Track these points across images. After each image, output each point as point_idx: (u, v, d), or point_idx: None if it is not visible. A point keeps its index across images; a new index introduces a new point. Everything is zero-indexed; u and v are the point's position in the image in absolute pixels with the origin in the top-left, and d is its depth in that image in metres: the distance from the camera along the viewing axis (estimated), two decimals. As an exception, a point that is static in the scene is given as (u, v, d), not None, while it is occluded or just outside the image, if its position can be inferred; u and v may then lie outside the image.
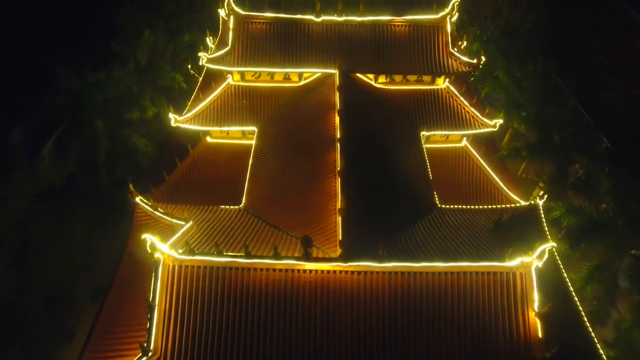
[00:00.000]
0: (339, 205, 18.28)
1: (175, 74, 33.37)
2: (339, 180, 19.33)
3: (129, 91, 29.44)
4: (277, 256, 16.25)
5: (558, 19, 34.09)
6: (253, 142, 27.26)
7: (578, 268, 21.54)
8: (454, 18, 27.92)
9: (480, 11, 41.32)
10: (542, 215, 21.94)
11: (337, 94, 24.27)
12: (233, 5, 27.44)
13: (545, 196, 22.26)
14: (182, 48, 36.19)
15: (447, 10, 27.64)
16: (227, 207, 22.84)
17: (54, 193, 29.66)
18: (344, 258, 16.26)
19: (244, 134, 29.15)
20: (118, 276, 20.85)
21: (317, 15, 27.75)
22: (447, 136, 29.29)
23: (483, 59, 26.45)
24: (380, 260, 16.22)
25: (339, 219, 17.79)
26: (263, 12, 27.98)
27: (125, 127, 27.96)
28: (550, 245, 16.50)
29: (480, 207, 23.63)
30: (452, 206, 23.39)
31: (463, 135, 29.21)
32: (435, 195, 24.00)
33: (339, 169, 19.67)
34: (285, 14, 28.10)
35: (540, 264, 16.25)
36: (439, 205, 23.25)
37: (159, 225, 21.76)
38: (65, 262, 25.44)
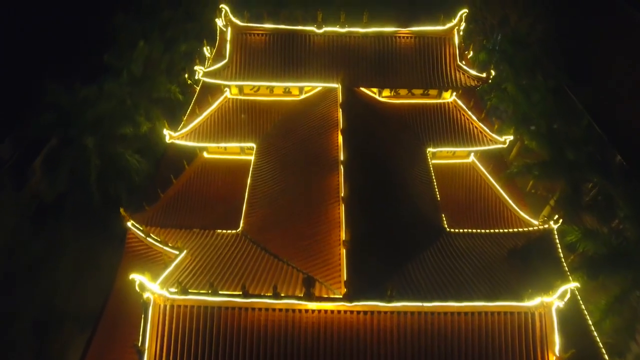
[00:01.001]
0: (343, 236, 17.04)
1: (171, 86, 32.12)
2: (342, 207, 18.11)
3: (122, 105, 28.18)
4: (276, 295, 15.05)
5: (568, 28, 32.86)
6: (252, 157, 26.07)
7: (596, 299, 20.31)
8: (462, 29, 26.71)
9: (486, 20, 40.12)
10: (557, 242, 20.80)
11: (340, 110, 23.09)
12: (230, 16, 26.22)
13: (560, 220, 21.07)
14: (179, 57, 34.92)
15: (454, 21, 26.44)
16: (224, 231, 21.62)
17: (44, 210, 28.48)
18: (349, 297, 15.06)
19: (242, 150, 27.94)
20: (106, 313, 19.62)
21: (319, 27, 26.53)
22: (454, 152, 28.08)
23: (493, 73, 25.20)
24: (389, 300, 15.02)
25: (343, 251, 16.57)
26: (262, 23, 26.74)
27: (118, 143, 26.74)
28: (573, 285, 15.26)
29: (491, 230, 22.42)
30: (461, 230, 22.18)
31: (471, 151, 28.00)
32: (444, 218, 22.80)
33: (342, 195, 18.44)
34: (286, 25, 26.86)
35: (561, 304, 15.04)
36: (448, 229, 22.02)
37: (151, 253, 20.62)
38: (55, 287, 24.20)
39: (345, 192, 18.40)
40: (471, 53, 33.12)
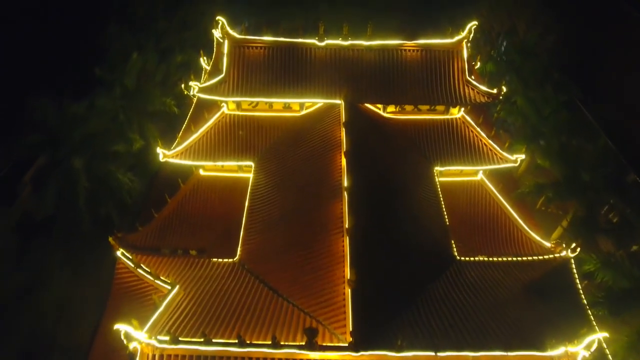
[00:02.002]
0: (347, 274, 15.76)
1: (166, 99, 30.74)
2: (346, 240, 16.83)
3: (114, 120, 26.84)
4: (276, 344, 13.75)
5: (581, 39, 31.49)
6: (250, 175, 24.81)
7: (616, 333, 18.97)
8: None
9: (493, 29, 38.78)
10: (575, 273, 19.53)
11: (343, 130, 21.80)
12: (227, 28, 24.90)
13: (578, 249, 19.79)
14: (175, 68, 33.52)
15: (463, 34, 25.14)
16: (220, 260, 20.30)
17: (33, 227, 27.12)
18: (355, 347, 13.76)
19: (240, 167, 26.63)
20: (94, 350, 18.32)
21: (321, 39, 25.21)
22: (462, 170, 26.78)
23: (504, 89, 23.89)
24: (399, 350, 13.72)
25: (348, 291, 15.29)
26: (261, 35, 25.41)
27: (110, 161, 25.37)
28: (601, 336, 13.97)
29: (503, 259, 21.13)
30: (472, 259, 20.89)
31: (479, 169, 26.72)
32: (453, 245, 21.52)
33: (347, 227, 17.15)
34: (285, 37, 25.55)
35: (587, 354, 13.75)
36: (458, 258, 20.72)
37: (142, 285, 19.31)
38: (42, 315, 22.89)
39: (349, 223, 17.12)
40: (478, 64, 31.79)
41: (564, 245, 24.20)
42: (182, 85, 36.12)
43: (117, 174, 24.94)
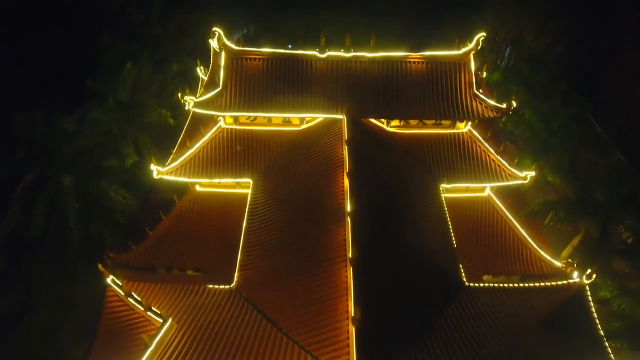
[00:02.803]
0: (351, 310, 14.72)
1: (162, 110, 29.64)
2: (350, 271, 15.79)
3: (107, 134, 25.78)
4: (274, 392, 12.71)
5: (592, 50, 30.35)
6: (248, 191, 23.79)
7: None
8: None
9: (499, 36, 37.64)
10: (591, 301, 18.48)
11: (346, 148, 20.80)
12: (224, 39, 23.83)
13: (594, 276, 18.75)
14: (171, 78, 32.41)
15: (470, 45, 24.11)
16: (216, 287, 19.25)
17: (22, 247, 26.02)
18: (360, 393, 12.72)
19: (238, 183, 25.61)
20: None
21: (322, 51, 24.17)
22: (468, 186, 25.77)
23: (514, 104, 22.86)
24: (408, 397, 12.69)
25: (352, 329, 14.25)
26: (259, 47, 24.36)
27: (102, 177, 24.29)
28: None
29: (514, 285, 20.13)
30: (480, 285, 19.87)
31: (487, 186, 25.70)
32: (462, 269, 20.49)
33: (350, 256, 16.11)
34: (285, 49, 24.51)
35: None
36: (467, 284, 19.69)
37: (133, 316, 18.25)
38: (28, 346, 21.82)
39: (353, 253, 16.07)
40: (484, 74, 30.76)
41: (575, 266, 23.51)
42: (179, 94, 35.21)
43: (109, 192, 23.84)
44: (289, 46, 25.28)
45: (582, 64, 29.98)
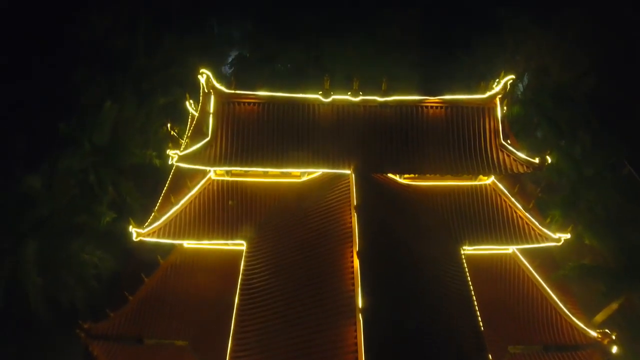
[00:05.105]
0: None
1: (147, 151, 26.53)
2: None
3: (82, 183, 22.69)
4: None
5: (626, 83, 27.12)
6: (242, 248, 20.86)
7: None
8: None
9: (519, 65, 34.37)
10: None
11: (355, 217, 17.76)
12: (214, 82, 20.74)
13: None
14: (157, 111, 29.22)
15: (497, 88, 21.06)
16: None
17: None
18: None
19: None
20: None
21: (326, 95, 21.09)
22: (493, 246, 22.80)
23: (549, 159, 19.83)
24: None
25: None
26: (255, 90, 21.29)
27: (74, 237, 21.19)
28: None
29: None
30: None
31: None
32: (486, 346, 17.50)
33: (363, 368, 13.02)
34: (284, 92, 21.47)
35: None
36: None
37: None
38: None
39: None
40: (505, 108, 27.70)
41: (613, 338, 20.82)
42: (167, 129, 32.12)
43: (81, 255, 20.74)
44: (289, 82, 22.30)
45: (617, 101, 26.87)
